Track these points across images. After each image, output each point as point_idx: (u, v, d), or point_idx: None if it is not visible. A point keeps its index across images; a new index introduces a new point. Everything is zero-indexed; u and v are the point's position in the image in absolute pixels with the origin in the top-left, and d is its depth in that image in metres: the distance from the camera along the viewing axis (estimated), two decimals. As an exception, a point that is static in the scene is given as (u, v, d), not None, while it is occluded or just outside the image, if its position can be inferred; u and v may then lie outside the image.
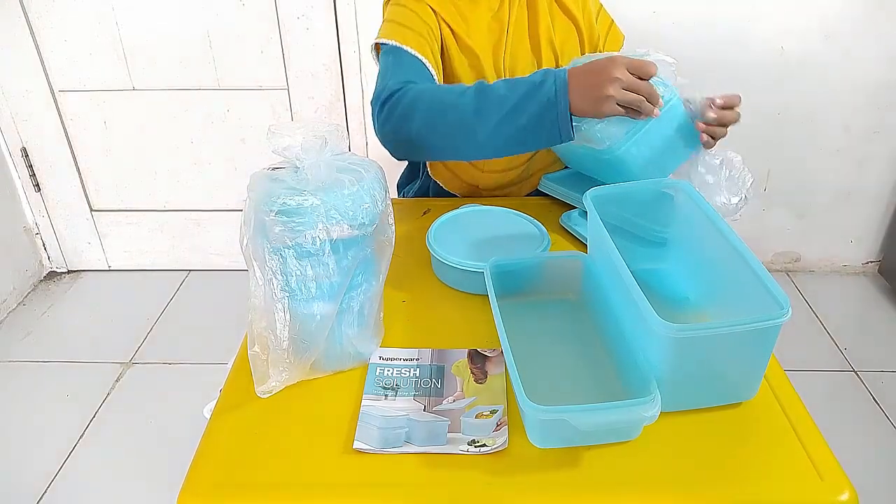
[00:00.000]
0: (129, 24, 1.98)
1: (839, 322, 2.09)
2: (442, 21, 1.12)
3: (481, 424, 0.72)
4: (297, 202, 0.69)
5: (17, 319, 2.15)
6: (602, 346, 0.81)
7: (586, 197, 0.84)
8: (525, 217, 1.05)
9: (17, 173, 2.21)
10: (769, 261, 2.33)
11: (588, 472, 0.68)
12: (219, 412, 0.76)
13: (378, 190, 0.74)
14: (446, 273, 0.95)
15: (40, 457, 1.65)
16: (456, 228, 1.02)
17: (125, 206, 2.29)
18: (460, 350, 0.83)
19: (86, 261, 2.38)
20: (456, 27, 1.13)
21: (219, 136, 2.14)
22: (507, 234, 1.01)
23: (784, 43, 1.96)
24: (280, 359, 0.74)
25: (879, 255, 2.30)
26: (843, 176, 2.17)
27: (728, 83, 2.00)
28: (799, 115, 2.07)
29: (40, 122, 2.12)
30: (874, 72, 2.00)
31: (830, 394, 1.83)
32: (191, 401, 1.11)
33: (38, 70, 2.04)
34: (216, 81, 2.06)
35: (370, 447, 0.70)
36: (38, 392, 1.85)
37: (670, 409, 0.70)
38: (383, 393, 0.77)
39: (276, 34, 1.98)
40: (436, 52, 1.12)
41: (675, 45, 1.96)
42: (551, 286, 0.90)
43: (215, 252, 2.33)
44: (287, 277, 0.72)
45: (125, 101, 2.09)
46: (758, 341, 0.69)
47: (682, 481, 0.67)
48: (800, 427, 0.72)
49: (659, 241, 0.91)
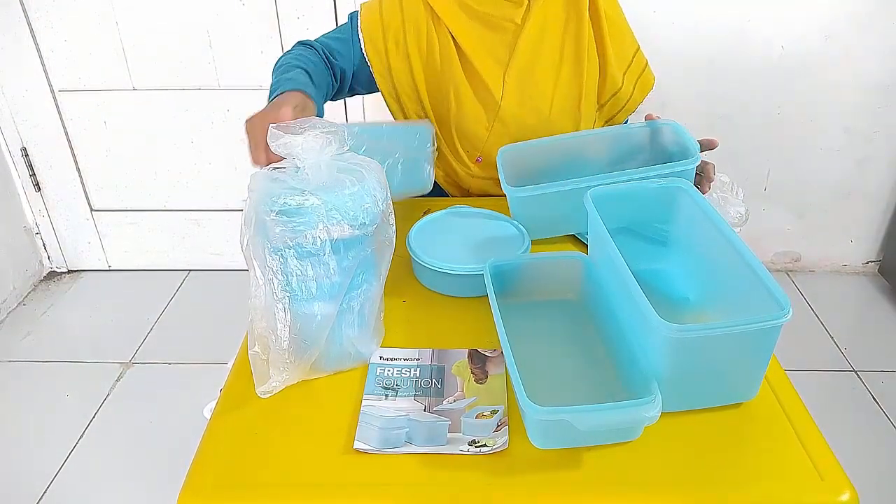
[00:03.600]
0: (129, 24, 1.98)
1: (839, 322, 2.09)
2: (438, 25, 1.11)
3: (482, 425, 0.72)
4: (297, 202, 0.69)
5: (17, 319, 2.15)
6: (602, 346, 0.81)
7: (586, 197, 0.84)
8: (505, 219, 1.04)
9: (17, 173, 2.21)
10: (769, 261, 2.33)
11: (588, 473, 0.68)
12: (219, 412, 0.76)
13: (378, 190, 0.74)
14: (428, 277, 0.95)
15: (40, 457, 1.65)
16: (435, 231, 1.01)
17: (125, 206, 2.29)
18: (461, 350, 0.83)
19: (86, 261, 2.38)
20: (458, 35, 1.10)
21: (219, 136, 2.14)
22: (488, 237, 1.00)
23: (784, 43, 1.96)
24: (280, 359, 0.73)
25: (879, 255, 2.30)
26: (842, 176, 2.17)
27: (728, 83, 2.02)
28: (799, 114, 2.07)
29: (40, 122, 2.12)
30: (874, 72, 2.00)
31: (830, 394, 1.83)
32: (191, 401, 1.11)
33: (38, 70, 2.04)
34: (216, 81, 2.06)
35: (370, 447, 0.70)
36: (38, 392, 1.85)
37: (670, 409, 0.70)
38: (384, 393, 0.77)
39: (276, 34, 1.98)
40: (397, 53, 1.12)
41: (675, 45, 1.96)
42: (551, 286, 0.90)
43: (215, 252, 2.33)
44: (287, 277, 0.72)
45: (125, 101, 2.09)
46: (758, 341, 0.69)
47: (682, 481, 0.67)
48: (800, 427, 0.72)
49: (660, 239, 0.91)
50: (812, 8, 1.91)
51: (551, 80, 1.15)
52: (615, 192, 0.87)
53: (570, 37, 1.14)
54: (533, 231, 1.00)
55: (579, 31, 1.13)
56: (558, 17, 1.13)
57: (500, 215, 1.05)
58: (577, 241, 1.05)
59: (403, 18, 1.12)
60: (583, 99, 1.16)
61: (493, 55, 1.13)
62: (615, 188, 0.87)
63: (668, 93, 2.02)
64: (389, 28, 1.12)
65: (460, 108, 1.15)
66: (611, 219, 0.81)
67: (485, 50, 1.12)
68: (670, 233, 0.90)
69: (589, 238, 0.91)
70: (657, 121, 1.04)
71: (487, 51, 1.12)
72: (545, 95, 1.15)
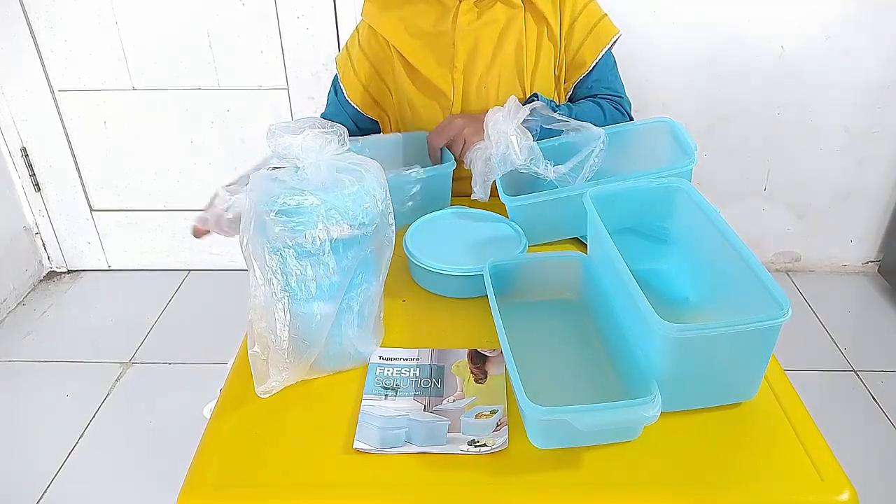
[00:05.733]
0: (129, 24, 1.98)
1: (839, 322, 2.09)
2: (390, 46, 1.21)
3: (481, 424, 0.72)
4: (297, 202, 0.69)
5: (17, 319, 2.15)
6: (602, 346, 0.81)
7: (585, 197, 0.84)
8: (501, 219, 1.04)
9: (18, 173, 2.21)
10: (769, 261, 2.33)
11: (588, 472, 0.68)
12: (219, 412, 0.76)
13: (378, 190, 0.74)
14: (425, 278, 0.95)
15: (40, 457, 1.65)
16: (431, 232, 1.01)
17: (125, 206, 2.29)
18: (460, 350, 0.83)
19: (86, 261, 2.38)
20: (402, 48, 1.19)
21: (219, 136, 2.14)
22: (484, 237, 1.00)
23: (784, 43, 1.96)
24: (280, 359, 0.73)
25: (879, 255, 2.30)
26: (842, 176, 2.17)
27: (728, 83, 2.02)
28: (799, 114, 2.07)
29: (40, 122, 2.12)
30: (874, 72, 2.00)
31: (830, 394, 1.83)
32: (191, 401, 1.11)
33: (38, 70, 2.04)
34: (216, 81, 2.06)
35: (370, 447, 0.70)
36: (38, 392, 1.85)
37: (670, 409, 0.70)
38: (383, 393, 0.77)
39: (276, 34, 1.98)
40: (378, 88, 1.27)
41: (675, 45, 1.96)
42: (551, 286, 0.90)
43: (215, 252, 2.33)
44: (287, 277, 0.72)
45: (125, 101, 2.09)
46: (758, 341, 0.69)
47: (682, 481, 0.67)
48: (800, 427, 0.72)
49: (660, 237, 0.91)
50: (812, 8, 1.91)
51: (494, 66, 1.20)
52: (614, 193, 0.87)
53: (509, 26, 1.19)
54: (532, 237, 1.00)
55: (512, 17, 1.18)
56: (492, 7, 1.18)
57: (497, 216, 1.05)
58: (578, 240, 1.05)
59: (369, 59, 1.25)
60: (525, 74, 1.20)
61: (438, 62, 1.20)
62: (614, 188, 0.87)
63: (668, 93, 2.02)
64: (361, 70, 1.26)
65: (416, 115, 1.25)
66: (610, 219, 0.81)
67: (432, 59, 1.20)
68: (670, 232, 0.90)
69: (588, 238, 0.91)
70: (656, 120, 1.04)
71: (435, 59, 1.20)
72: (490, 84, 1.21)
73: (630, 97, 1.29)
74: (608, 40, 1.22)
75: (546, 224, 1.02)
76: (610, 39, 1.22)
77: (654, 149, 1.05)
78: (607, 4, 1.25)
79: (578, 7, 1.21)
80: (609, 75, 1.26)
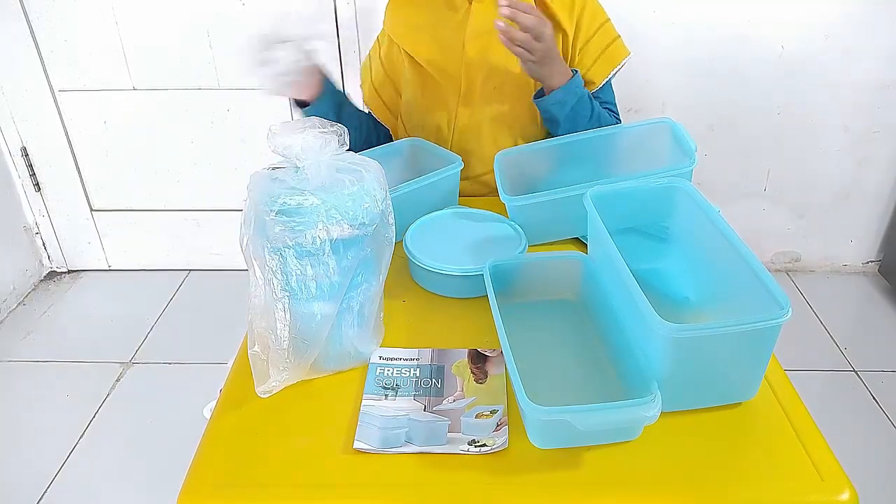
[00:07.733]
0: (129, 23, 1.98)
1: (839, 322, 2.09)
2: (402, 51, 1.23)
3: (481, 424, 0.72)
4: (297, 202, 0.69)
5: (17, 319, 2.15)
6: (602, 346, 0.81)
7: (586, 197, 0.84)
8: (501, 219, 1.04)
9: (17, 173, 2.21)
10: (769, 261, 2.33)
11: (588, 472, 0.68)
12: (219, 412, 0.76)
13: (378, 190, 0.74)
14: (425, 278, 0.95)
15: (40, 457, 1.65)
16: (431, 232, 1.01)
17: (125, 206, 2.29)
18: (460, 350, 0.83)
19: (86, 261, 2.38)
20: (411, 48, 1.21)
21: (219, 136, 2.14)
22: (484, 237, 1.00)
23: (784, 43, 1.96)
24: (280, 359, 0.73)
25: (879, 255, 2.30)
26: (842, 176, 2.17)
27: (728, 83, 2.02)
28: (799, 114, 2.07)
29: (40, 122, 2.12)
30: (874, 72, 2.00)
31: (830, 394, 1.83)
32: (191, 401, 1.11)
33: (38, 70, 2.04)
34: (216, 81, 2.06)
35: (370, 447, 0.70)
36: (38, 392, 1.85)
37: (670, 409, 0.70)
38: (383, 393, 0.77)
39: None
40: (390, 95, 1.30)
41: (675, 45, 1.96)
42: (551, 286, 0.90)
43: (215, 252, 2.33)
44: (287, 277, 0.72)
45: (125, 101, 2.09)
46: (758, 341, 0.69)
47: (682, 481, 0.67)
48: (800, 427, 0.72)
49: (660, 235, 0.91)
50: (812, 8, 1.91)
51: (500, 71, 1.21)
52: (614, 192, 0.87)
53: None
54: (532, 237, 1.00)
55: None
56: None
57: (497, 216, 1.05)
58: (578, 240, 1.05)
59: (385, 67, 1.29)
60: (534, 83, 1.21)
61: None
62: (614, 188, 0.87)
63: (668, 93, 2.02)
64: (376, 76, 1.31)
65: (421, 118, 1.27)
66: (610, 219, 0.81)
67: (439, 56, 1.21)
68: (670, 232, 0.90)
69: (588, 238, 0.91)
70: (656, 120, 1.04)
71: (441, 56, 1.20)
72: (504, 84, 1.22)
73: (630, 97, 1.30)
74: (618, 62, 1.24)
75: (546, 224, 1.02)
76: (620, 62, 1.24)
77: (654, 149, 1.05)
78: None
79: (594, 26, 1.22)
80: (609, 91, 1.28)
